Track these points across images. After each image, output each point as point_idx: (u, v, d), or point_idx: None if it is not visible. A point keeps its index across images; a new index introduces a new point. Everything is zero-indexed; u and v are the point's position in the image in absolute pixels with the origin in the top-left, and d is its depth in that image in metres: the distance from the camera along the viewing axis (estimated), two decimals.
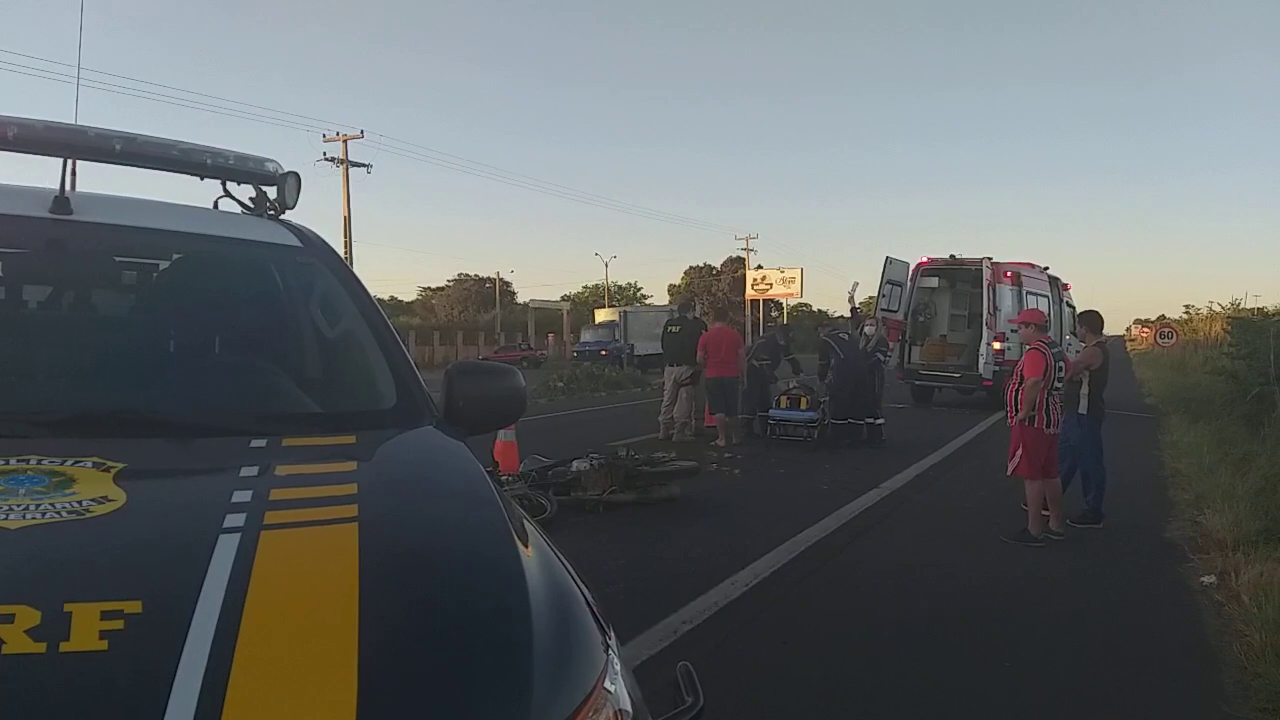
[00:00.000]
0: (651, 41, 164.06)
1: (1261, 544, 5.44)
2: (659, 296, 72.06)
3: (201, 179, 2.48)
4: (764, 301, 51.58)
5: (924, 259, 17.19)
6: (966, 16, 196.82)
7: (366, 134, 34.07)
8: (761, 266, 54.77)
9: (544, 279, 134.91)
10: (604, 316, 44.49)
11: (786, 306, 58.43)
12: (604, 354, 34.81)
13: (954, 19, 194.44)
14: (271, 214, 2.53)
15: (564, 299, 64.13)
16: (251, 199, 2.56)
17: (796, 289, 48.83)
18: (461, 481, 1.78)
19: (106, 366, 2.12)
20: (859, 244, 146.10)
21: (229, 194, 2.57)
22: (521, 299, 65.46)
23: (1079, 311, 8.44)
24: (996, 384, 14.59)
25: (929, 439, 11.92)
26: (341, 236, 33.13)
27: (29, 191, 2.18)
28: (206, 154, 2.39)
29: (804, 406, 11.23)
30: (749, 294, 51.13)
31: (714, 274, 68.71)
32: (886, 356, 13.32)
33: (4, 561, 1.23)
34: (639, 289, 78.94)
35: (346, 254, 29.76)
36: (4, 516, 1.30)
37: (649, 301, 68.51)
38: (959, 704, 3.63)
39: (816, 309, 66.74)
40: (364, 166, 34.44)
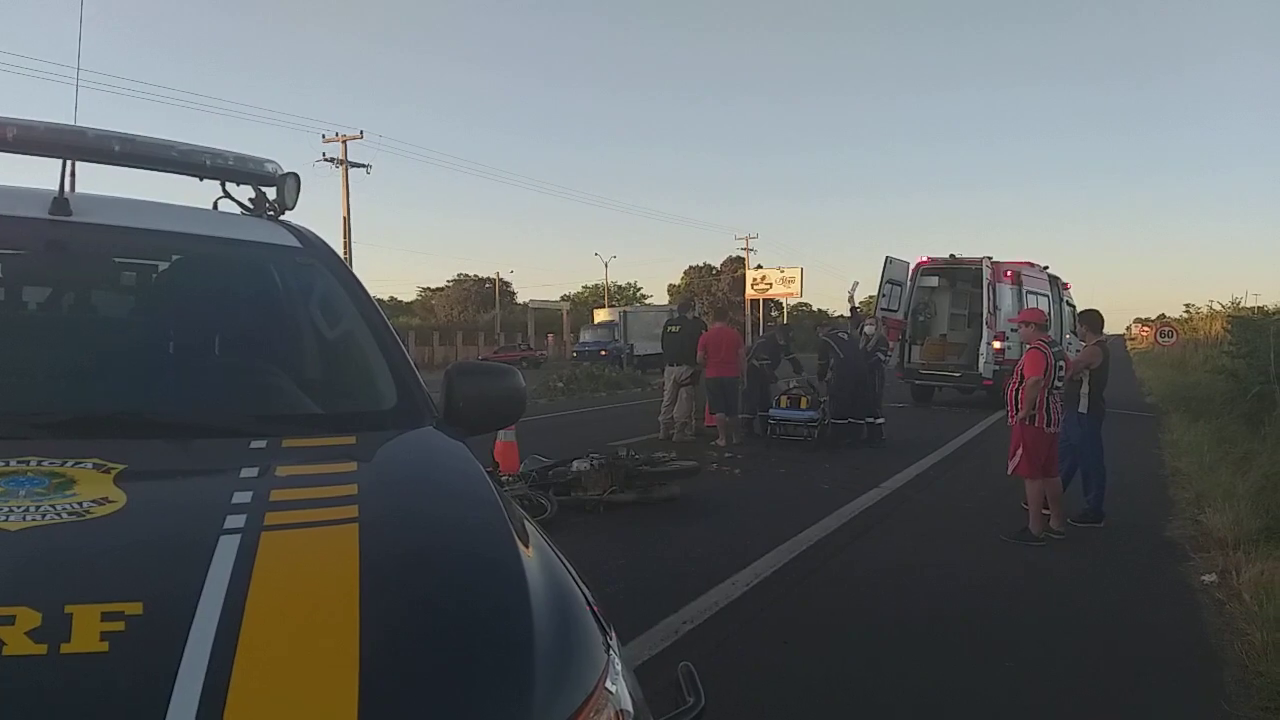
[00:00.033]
0: (651, 41, 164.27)
1: (1262, 542, 5.44)
2: (659, 296, 72.23)
3: (201, 180, 2.48)
4: (764, 301, 51.58)
5: (924, 258, 17.18)
6: (966, 16, 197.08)
7: (366, 134, 34.13)
8: (761, 266, 54.81)
9: (543, 279, 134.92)
10: (603, 316, 44.47)
11: (786, 306, 58.42)
12: (604, 354, 34.77)
13: (954, 19, 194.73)
14: (271, 215, 2.53)
15: (564, 299, 64.14)
16: (251, 200, 2.56)
17: (796, 289, 48.83)
18: (462, 482, 1.78)
19: (106, 368, 2.12)
20: (859, 244, 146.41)
21: (228, 195, 2.57)
22: (521, 299, 65.53)
23: (1079, 310, 8.44)
24: (996, 383, 14.60)
25: (929, 438, 11.92)
26: (341, 237, 33.16)
27: (28, 193, 2.18)
28: (205, 155, 2.39)
29: (804, 406, 11.23)
30: (749, 294, 51.13)
31: (714, 274, 68.70)
32: (887, 356, 13.33)
33: (4, 563, 1.22)
34: (639, 289, 79.10)
35: (346, 254, 29.76)
36: (4, 518, 1.30)
37: (649, 301, 68.59)
38: (960, 703, 3.63)
39: (816, 309, 66.81)
40: (363, 167, 34.50)
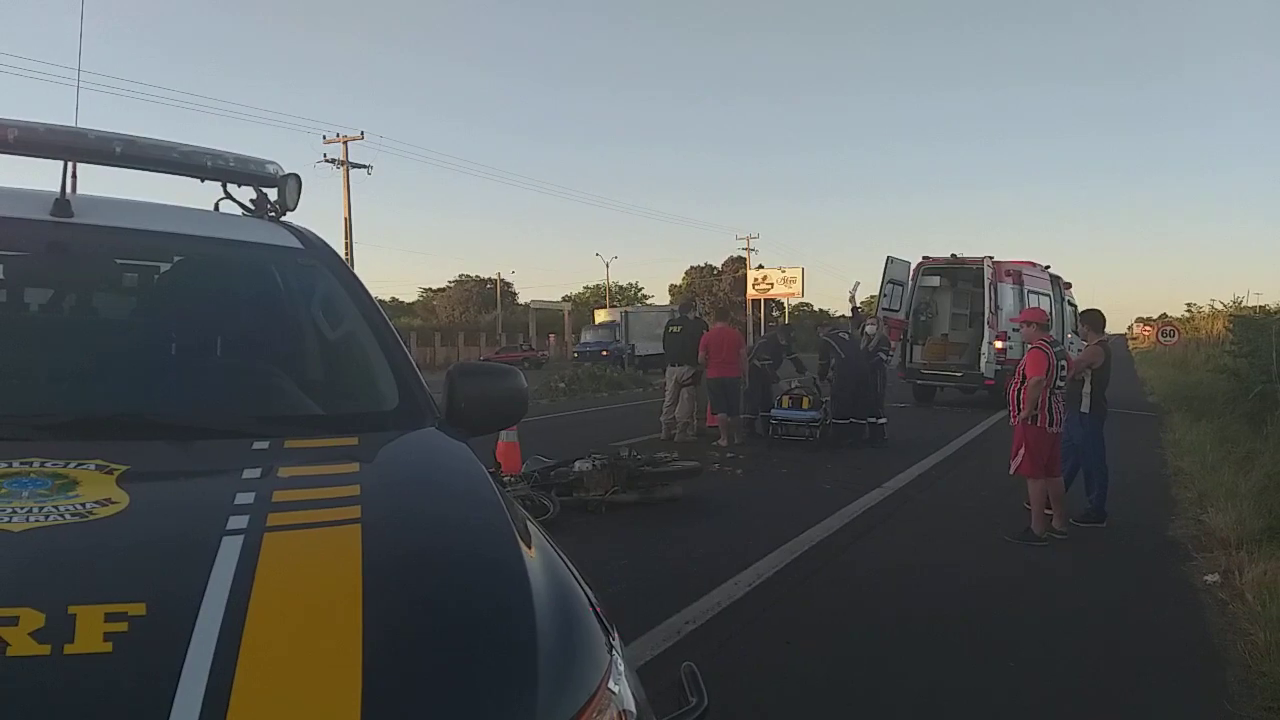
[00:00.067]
0: (652, 41, 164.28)
1: (1265, 542, 5.43)
2: (660, 297, 72.16)
3: (202, 181, 2.49)
4: (765, 301, 51.59)
5: (925, 258, 17.18)
6: (966, 16, 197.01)
7: (367, 135, 34.11)
8: (763, 266, 54.76)
9: (545, 279, 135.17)
10: (604, 317, 44.43)
11: (788, 306, 58.42)
12: (605, 354, 34.79)
13: (954, 19, 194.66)
14: (272, 216, 2.53)
15: (565, 299, 64.08)
16: (252, 201, 2.56)
17: (798, 289, 48.84)
18: (464, 482, 1.78)
19: (108, 369, 2.12)
20: (860, 244, 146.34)
21: (229, 196, 2.57)
22: (523, 300, 65.49)
23: (1081, 310, 8.43)
24: (998, 383, 14.59)
25: (931, 438, 11.91)
26: (342, 238, 33.16)
27: (30, 194, 2.18)
28: (207, 156, 2.39)
29: (806, 406, 11.23)
30: (750, 294, 51.12)
31: (715, 274, 68.67)
32: (889, 356, 13.31)
33: (8, 564, 1.23)
34: (640, 289, 79.05)
35: (347, 255, 29.77)
36: (7, 519, 1.30)
37: (650, 302, 68.53)
38: (961, 703, 3.62)
39: (818, 309, 66.80)
40: (364, 168, 34.46)
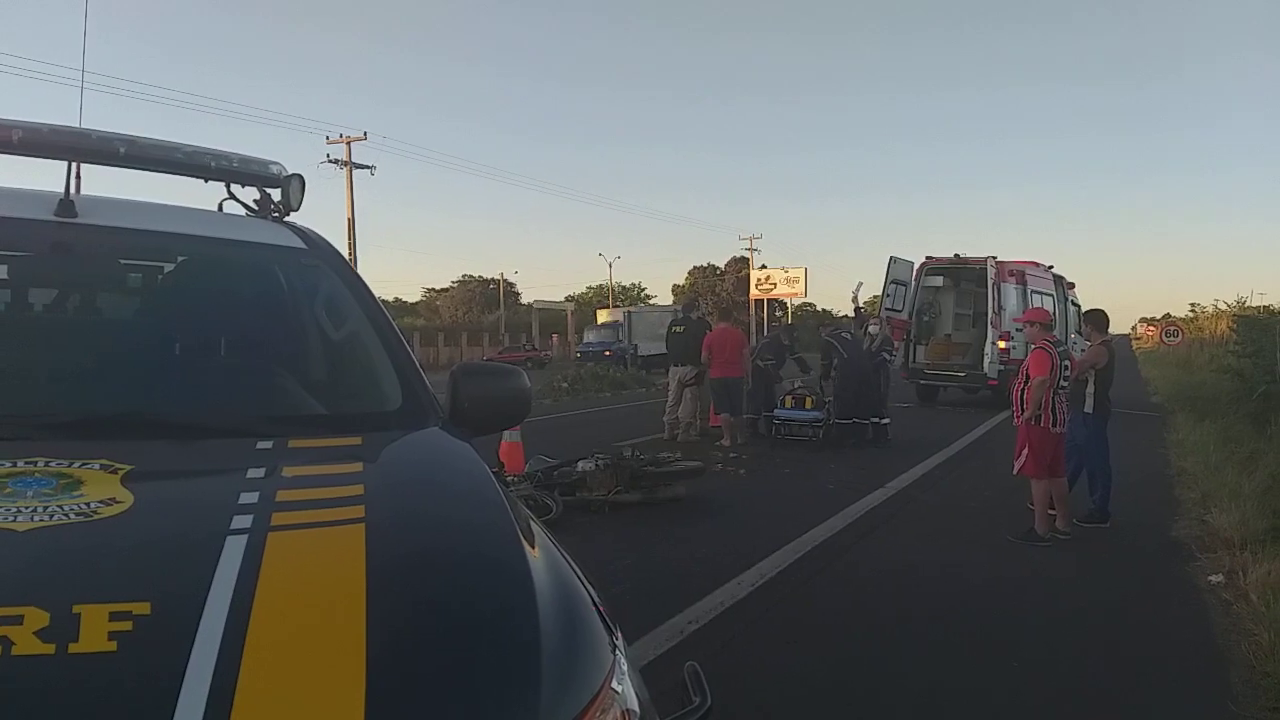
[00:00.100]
0: (652, 41, 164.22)
1: (1269, 542, 5.42)
2: (663, 297, 72.15)
3: (206, 181, 2.50)
4: (768, 301, 51.55)
5: (929, 258, 17.17)
6: (966, 16, 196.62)
7: (370, 135, 34.11)
8: (765, 266, 54.65)
9: (548, 280, 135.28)
10: (606, 317, 44.37)
11: (791, 306, 58.37)
12: (608, 354, 34.78)
13: (954, 19, 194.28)
14: (275, 216, 2.54)
15: (568, 300, 64.10)
16: (256, 201, 2.57)
17: (801, 289, 48.80)
18: (467, 482, 1.78)
19: (112, 369, 2.13)
20: (862, 244, 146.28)
21: (233, 196, 2.58)
22: (526, 300, 65.49)
23: (1084, 310, 8.42)
24: (1002, 383, 14.56)
25: (934, 438, 11.89)
26: (345, 238, 33.13)
27: (34, 195, 2.18)
28: (210, 156, 2.40)
29: (809, 406, 11.23)
30: (753, 294, 51.08)
31: (718, 274, 68.62)
32: (892, 356, 13.31)
33: (12, 563, 1.23)
34: (643, 289, 79.07)
35: (350, 255, 29.81)
36: (12, 518, 1.30)
37: (653, 302, 68.47)
38: (963, 704, 3.62)
39: (821, 309, 66.78)
40: (367, 168, 34.46)
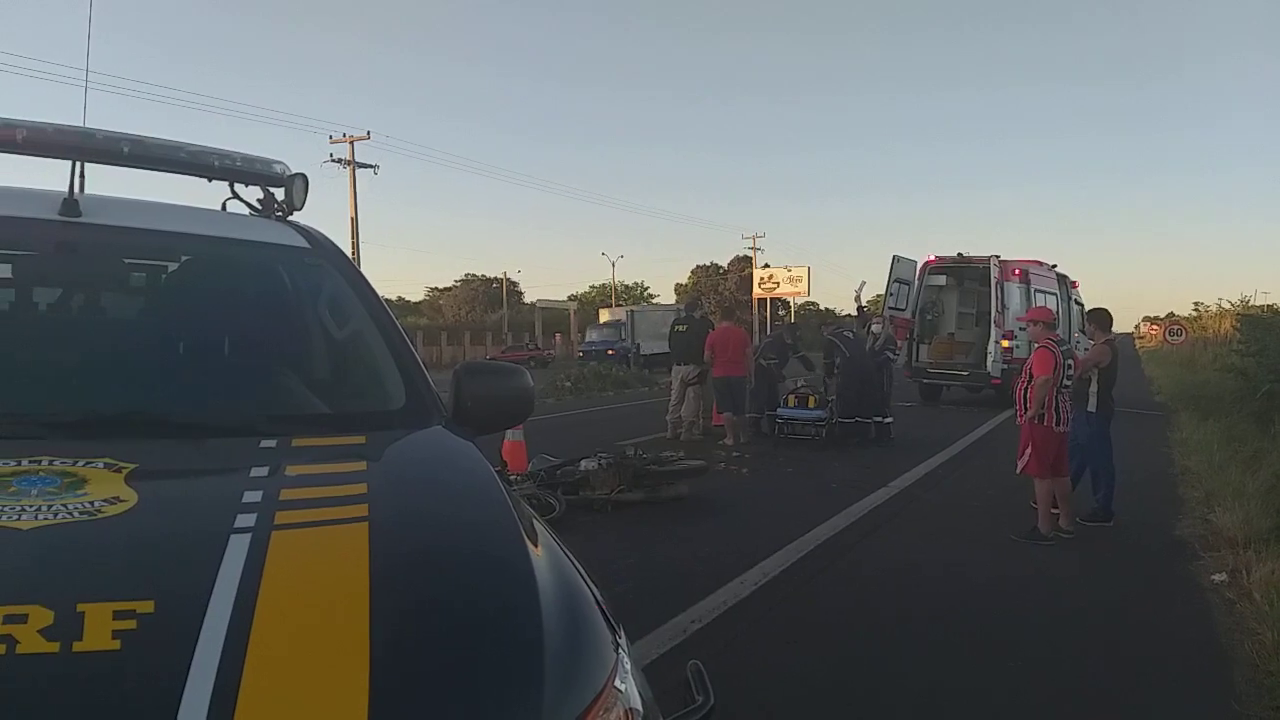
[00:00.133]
0: (652, 41, 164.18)
1: (1273, 541, 5.40)
2: (666, 296, 72.24)
3: (209, 181, 2.50)
4: (771, 300, 51.55)
5: (931, 257, 17.13)
6: (966, 16, 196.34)
7: (373, 135, 34.20)
8: (768, 265, 54.69)
9: (551, 279, 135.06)
10: (609, 316, 44.35)
11: (794, 305, 58.36)
12: (611, 353, 34.77)
13: (954, 19, 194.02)
14: (279, 215, 2.54)
15: (571, 299, 64.08)
16: (259, 201, 2.57)
17: (804, 288, 48.84)
18: (471, 481, 1.78)
19: (116, 368, 2.13)
20: (864, 243, 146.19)
21: (237, 196, 2.58)
22: (528, 299, 65.52)
23: (1088, 309, 8.41)
24: (1005, 382, 14.53)
25: (937, 437, 11.88)
26: (349, 237, 33.18)
27: (38, 194, 2.19)
28: (214, 156, 2.40)
29: (812, 405, 11.22)
30: (756, 293, 51.14)
31: (721, 273, 68.64)
32: (895, 355, 13.30)
33: (17, 562, 1.23)
34: (646, 288, 79.04)
35: (354, 255, 29.82)
36: (16, 517, 1.30)
37: (656, 301, 68.47)
38: (965, 704, 3.62)
39: (824, 308, 66.76)
40: (371, 167, 34.50)
